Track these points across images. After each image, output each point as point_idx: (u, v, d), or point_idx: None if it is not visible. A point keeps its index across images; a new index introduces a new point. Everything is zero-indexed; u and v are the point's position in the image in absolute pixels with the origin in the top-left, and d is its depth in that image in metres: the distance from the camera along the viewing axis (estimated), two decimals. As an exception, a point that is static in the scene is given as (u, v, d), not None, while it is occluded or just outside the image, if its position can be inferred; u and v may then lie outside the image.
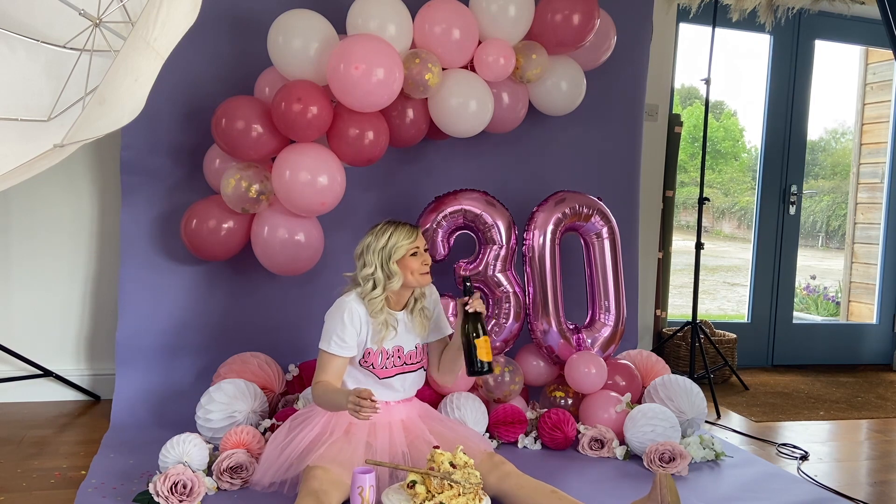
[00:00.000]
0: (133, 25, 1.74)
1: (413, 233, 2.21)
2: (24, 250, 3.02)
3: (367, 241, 2.21)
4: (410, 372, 2.28)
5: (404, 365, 2.26)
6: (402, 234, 2.19)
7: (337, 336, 2.16)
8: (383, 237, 2.19)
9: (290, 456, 2.08)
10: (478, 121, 2.72)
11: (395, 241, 2.18)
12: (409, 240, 2.19)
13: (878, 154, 4.70)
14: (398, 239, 2.18)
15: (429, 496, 1.86)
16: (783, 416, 3.30)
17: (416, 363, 2.29)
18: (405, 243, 2.18)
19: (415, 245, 2.20)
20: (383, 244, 2.18)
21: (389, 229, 2.20)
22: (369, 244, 2.20)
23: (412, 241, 2.20)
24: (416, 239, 2.21)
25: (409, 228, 2.22)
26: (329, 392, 2.10)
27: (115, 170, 3.00)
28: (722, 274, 6.82)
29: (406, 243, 2.19)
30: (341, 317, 2.16)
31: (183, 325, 2.89)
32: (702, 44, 3.75)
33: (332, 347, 2.16)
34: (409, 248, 2.19)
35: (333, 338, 2.16)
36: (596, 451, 2.59)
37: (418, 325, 2.29)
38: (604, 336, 2.89)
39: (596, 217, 2.91)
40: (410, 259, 2.20)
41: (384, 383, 2.23)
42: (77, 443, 2.57)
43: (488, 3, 2.69)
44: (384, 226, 2.22)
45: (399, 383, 2.26)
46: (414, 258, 2.21)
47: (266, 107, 2.59)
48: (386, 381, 2.23)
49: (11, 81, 2.10)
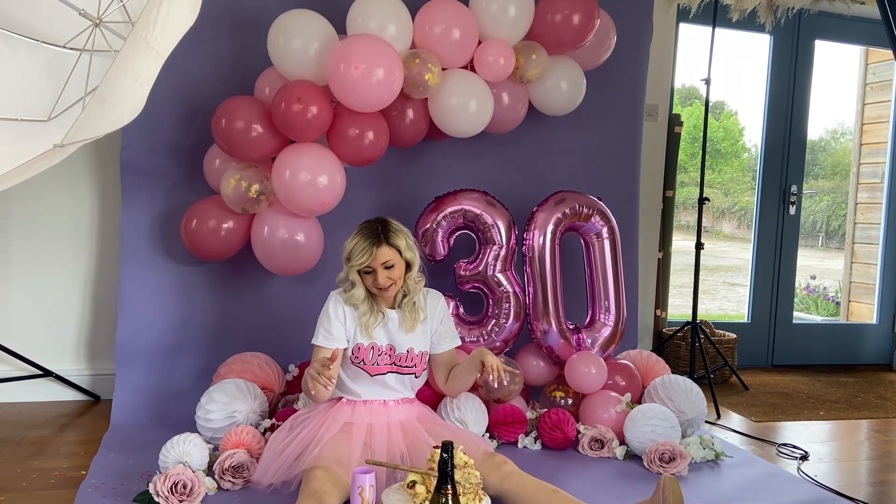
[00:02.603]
0: (133, 25, 1.74)
1: (367, 252, 2.12)
2: (24, 250, 3.02)
3: (345, 242, 2.19)
4: (405, 374, 2.26)
5: (394, 365, 2.24)
6: (358, 251, 2.13)
7: (324, 329, 2.21)
8: (349, 245, 2.16)
9: (289, 456, 2.08)
10: (478, 121, 2.72)
11: (353, 255, 2.14)
12: (362, 258, 2.12)
13: (878, 154, 4.70)
14: (354, 254, 2.14)
15: (429, 496, 1.86)
16: (783, 416, 3.30)
17: (409, 368, 2.26)
18: (358, 262, 2.13)
19: (366, 265, 2.13)
20: (347, 253, 2.16)
21: (355, 238, 2.15)
22: (343, 246, 2.18)
23: (364, 261, 2.12)
24: (371, 258, 2.12)
25: (368, 245, 2.12)
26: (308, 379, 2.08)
27: (115, 170, 3.00)
28: (722, 274, 6.82)
29: (358, 263, 2.13)
30: (327, 309, 2.23)
31: (183, 325, 2.89)
32: (702, 44, 3.75)
33: (320, 339, 2.22)
34: (360, 268, 2.15)
35: (321, 330, 2.22)
36: (596, 451, 2.59)
37: (408, 320, 2.24)
38: (604, 336, 2.89)
39: (596, 217, 2.91)
40: (365, 276, 2.17)
41: (377, 380, 2.23)
42: (77, 443, 2.57)
43: (488, 3, 2.69)
44: (357, 230, 2.17)
45: (394, 381, 2.25)
46: (367, 276, 2.16)
47: (266, 107, 2.59)
48: (378, 378, 2.23)
49: (11, 81, 2.10)
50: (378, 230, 2.15)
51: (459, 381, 2.33)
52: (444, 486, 1.66)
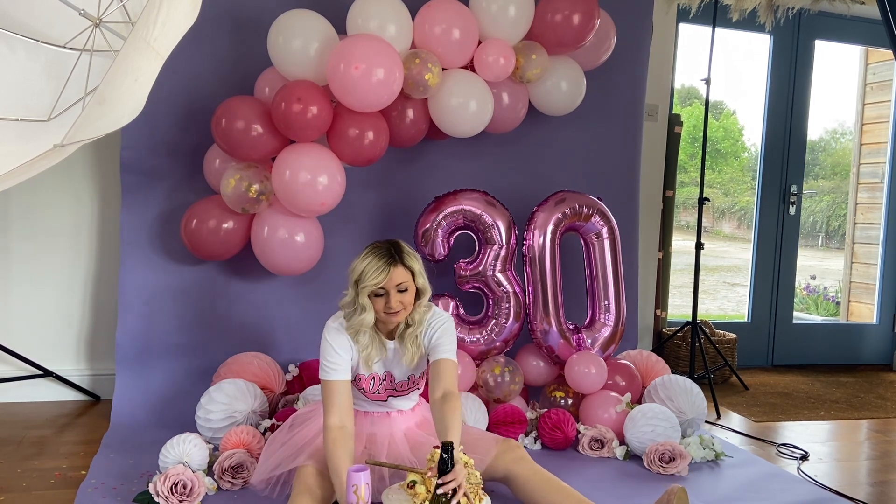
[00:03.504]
0: (133, 25, 1.74)
1: (383, 272, 1.95)
2: (24, 250, 3.02)
3: (353, 264, 2.02)
4: (402, 396, 2.19)
5: (394, 391, 2.17)
6: (372, 270, 1.96)
7: (328, 362, 2.05)
8: (360, 265, 1.99)
9: (286, 455, 2.07)
10: (478, 121, 2.72)
11: (365, 276, 1.97)
12: (377, 279, 1.95)
13: (878, 154, 4.70)
14: (367, 274, 1.96)
15: (429, 496, 1.86)
16: (783, 416, 3.30)
17: (407, 390, 2.19)
18: (371, 283, 1.96)
19: (381, 286, 1.96)
20: (357, 274, 1.98)
21: (368, 258, 1.98)
22: (352, 268, 2.01)
23: (379, 281, 1.96)
24: (387, 279, 1.96)
25: (384, 264, 1.96)
26: (333, 458, 1.92)
27: (115, 170, 3.00)
28: (722, 274, 6.82)
29: (372, 283, 1.96)
30: (326, 343, 2.06)
31: (183, 325, 2.89)
32: (702, 44, 3.75)
33: (329, 374, 2.04)
34: (374, 289, 1.97)
35: (325, 365, 2.05)
36: (596, 451, 2.59)
37: (408, 355, 2.09)
38: (604, 336, 2.89)
39: (596, 217, 2.91)
40: (375, 299, 2.00)
41: (376, 403, 2.19)
42: (77, 443, 2.57)
43: (488, 3, 2.69)
44: (368, 250, 2.01)
45: (395, 401, 2.19)
46: (378, 299, 1.99)
47: (266, 107, 2.59)
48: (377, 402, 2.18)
49: (11, 81, 2.10)
50: (392, 251, 2.00)
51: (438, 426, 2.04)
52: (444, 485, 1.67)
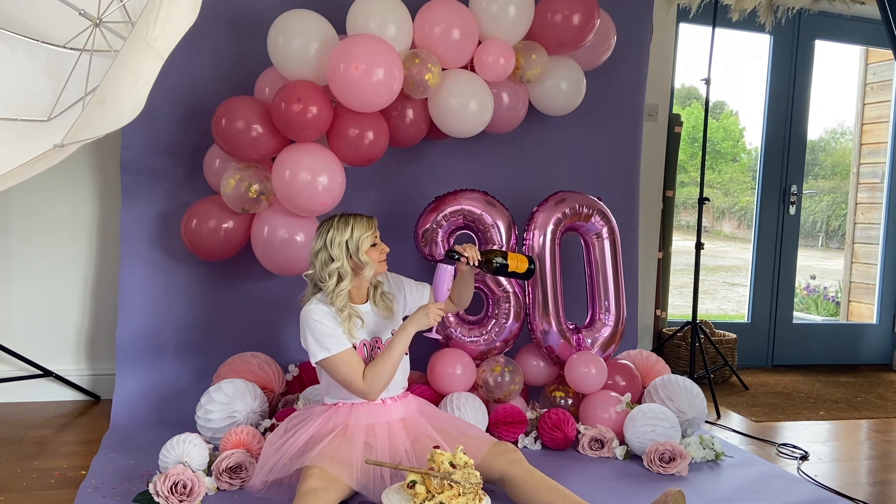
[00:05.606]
0: (133, 25, 1.74)
1: (371, 223, 2.24)
2: (24, 250, 3.02)
3: (329, 236, 2.20)
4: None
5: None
6: (363, 226, 2.21)
7: (327, 336, 2.11)
8: (347, 229, 2.20)
9: (284, 456, 2.07)
10: (478, 121, 2.72)
11: (360, 233, 2.20)
12: (370, 230, 2.22)
13: (878, 154, 4.70)
14: (362, 231, 2.20)
15: (429, 496, 1.86)
16: (783, 416, 3.30)
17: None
18: (368, 234, 2.21)
19: (375, 235, 2.24)
20: (349, 236, 2.19)
21: (350, 221, 2.21)
22: (332, 238, 2.19)
23: (373, 232, 2.23)
24: (375, 229, 2.25)
25: (367, 219, 2.24)
26: (384, 355, 2.16)
27: (115, 170, 3.00)
28: (722, 274, 6.83)
29: (369, 234, 2.21)
30: (316, 323, 2.13)
31: (183, 325, 2.89)
32: (702, 44, 3.75)
33: (333, 346, 2.12)
34: (372, 239, 2.23)
35: (326, 340, 2.11)
36: (596, 451, 2.59)
37: (384, 310, 2.31)
38: (604, 336, 2.89)
39: (596, 217, 2.91)
40: (372, 250, 2.23)
41: None
42: (77, 443, 2.57)
43: (488, 3, 2.69)
44: (342, 218, 2.22)
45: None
46: (374, 249, 2.24)
47: (266, 107, 2.59)
48: None
49: (11, 81, 2.10)
50: (348, 213, 2.25)
51: (458, 297, 2.42)
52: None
